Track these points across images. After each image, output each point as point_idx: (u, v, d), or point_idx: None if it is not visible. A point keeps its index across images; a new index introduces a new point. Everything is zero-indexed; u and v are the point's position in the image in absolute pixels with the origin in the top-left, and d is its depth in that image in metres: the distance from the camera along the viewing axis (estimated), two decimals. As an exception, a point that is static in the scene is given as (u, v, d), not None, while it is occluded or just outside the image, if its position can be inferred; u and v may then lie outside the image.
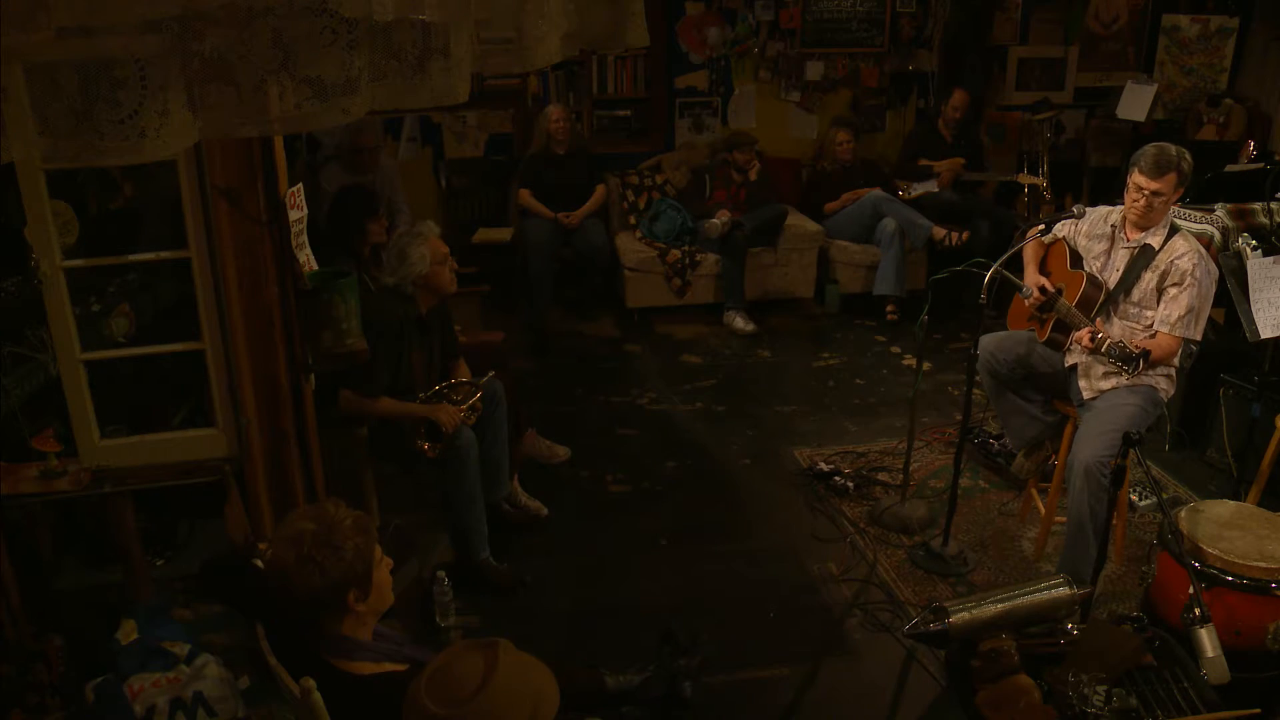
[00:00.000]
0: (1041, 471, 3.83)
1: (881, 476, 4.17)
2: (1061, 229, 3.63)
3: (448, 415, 3.37)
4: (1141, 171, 3.22)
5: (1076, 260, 3.57)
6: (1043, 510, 3.70)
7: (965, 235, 5.63)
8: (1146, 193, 3.23)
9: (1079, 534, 3.28)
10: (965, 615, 2.31)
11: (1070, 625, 2.40)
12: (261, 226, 2.85)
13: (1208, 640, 2.41)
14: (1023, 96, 6.37)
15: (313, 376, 3.15)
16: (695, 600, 3.41)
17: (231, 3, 1.12)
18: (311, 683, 2.01)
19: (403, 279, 3.45)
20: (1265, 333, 3.57)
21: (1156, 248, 3.33)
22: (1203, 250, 3.31)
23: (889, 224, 5.65)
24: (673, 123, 6.20)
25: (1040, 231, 3.55)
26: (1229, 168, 4.64)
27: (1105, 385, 3.36)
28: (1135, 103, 5.98)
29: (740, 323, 5.57)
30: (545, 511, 3.88)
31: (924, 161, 5.99)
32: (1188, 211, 4.49)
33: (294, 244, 2.97)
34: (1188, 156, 3.21)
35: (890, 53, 6.28)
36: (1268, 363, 3.78)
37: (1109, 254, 3.47)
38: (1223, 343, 4.26)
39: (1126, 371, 3.07)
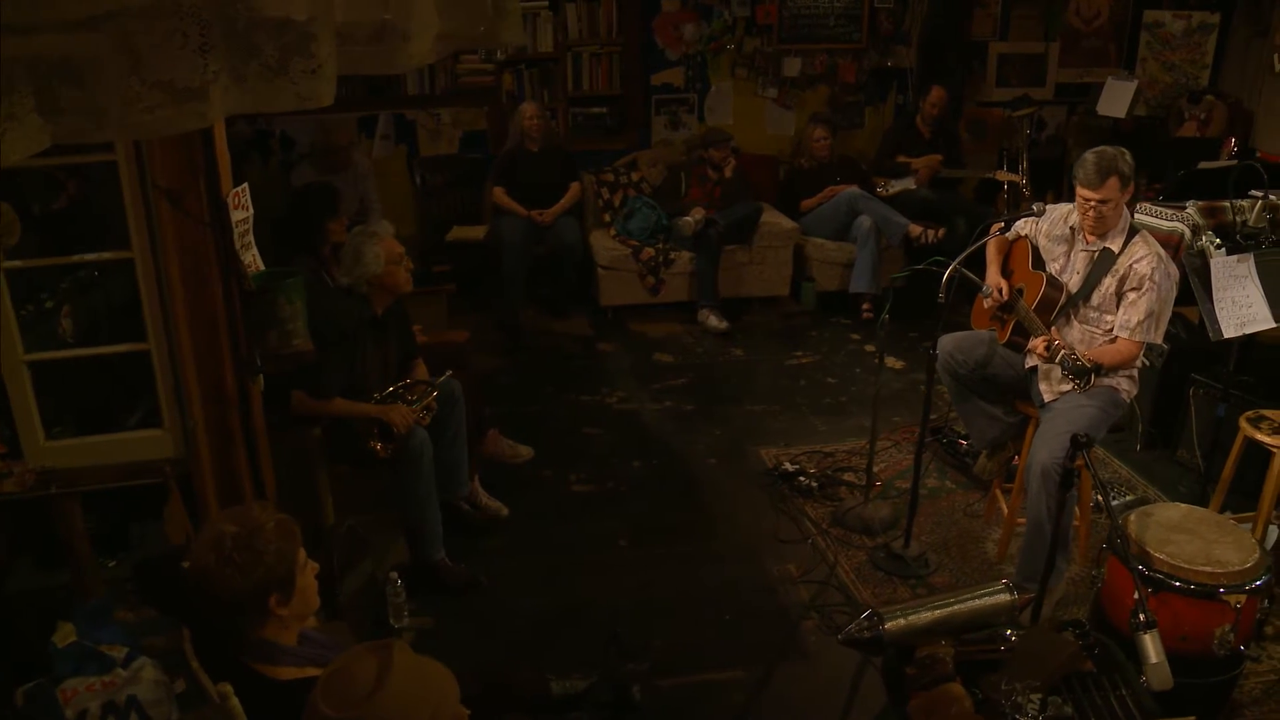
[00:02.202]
0: (1005, 473, 3.80)
1: (848, 477, 4.14)
2: (1023, 227, 3.60)
3: (399, 416, 3.35)
4: (1082, 184, 3.19)
5: (1038, 260, 3.54)
6: (1005, 511, 3.67)
7: (941, 233, 5.60)
8: (1093, 202, 3.20)
9: (1038, 536, 3.26)
10: (900, 622, 2.27)
11: (1010, 631, 2.36)
12: (204, 227, 2.82)
13: (1151, 646, 2.38)
14: (1003, 93, 6.32)
15: (261, 377, 3.13)
16: (652, 601, 3.39)
17: (79, 6, 1.09)
18: (228, 688, 2.00)
19: (357, 279, 3.43)
20: (1228, 332, 3.53)
21: (1116, 251, 3.30)
22: (1163, 253, 3.28)
23: (864, 221, 5.61)
24: (649, 120, 6.17)
25: (1000, 229, 3.52)
26: (1201, 164, 4.59)
27: (1065, 387, 3.32)
28: (1115, 99, 5.93)
29: (714, 321, 5.54)
30: (506, 512, 3.86)
31: (902, 158, 5.95)
32: (1159, 209, 4.45)
33: (239, 244, 2.95)
34: (1127, 156, 3.17)
35: (868, 49, 6.24)
36: (1233, 362, 3.73)
37: (1069, 256, 3.44)
38: (1194, 342, 4.22)
39: (1079, 385, 3.04)
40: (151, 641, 2.76)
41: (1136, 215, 4.60)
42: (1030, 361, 3.43)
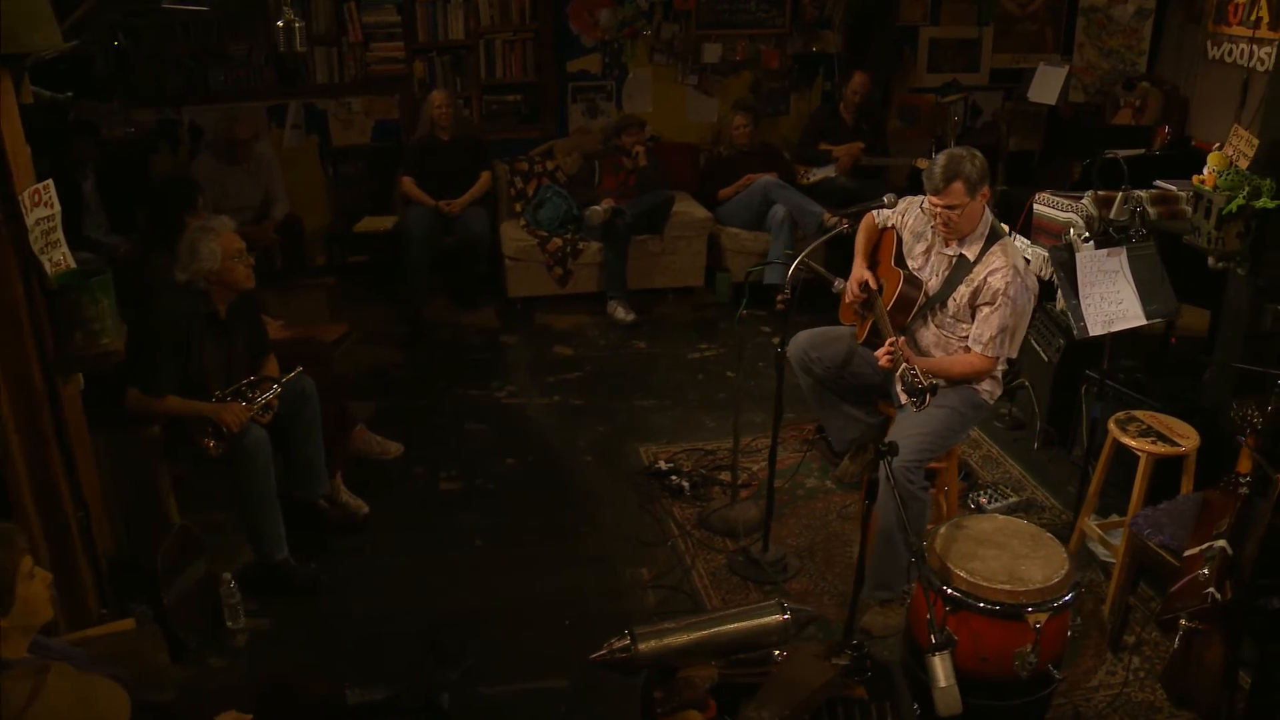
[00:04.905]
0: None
1: (723, 476, 4.04)
2: (891, 217, 3.48)
3: (231, 414, 3.28)
4: (927, 188, 3.08)
5: (901, 256, 3.42)
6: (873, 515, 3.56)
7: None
8: (939, 208, 3.08)
9: (887, 544, 3.16)
10: (653, 643, 2.18)
11: (778, 654, 2.27)
12: (-3, 225, 2.76)
13: (940, 669, 2.30)
14: (935, 78, 6.16)
15: (79, 377, 3.07)
16: (494, 605, 3.32)
17: None
18: (-75, 707, 1.95)
19: (194, 275, 3.36)
20: (1094, 329, 3.39)
21: (972, 259, 3.19)
22: (1020, 265, 3.17)
23: (779, 210, 5.48)
24: (565, 107, 6.04)
25: (845, 227, 3.41)
26: (1107, 153, 4.42)
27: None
28: (1046, 85, 5.75)
29: (621, 313, 5.44)
30: (366, 510, 3.79)
31: (824, 146, 5.81)
32: (1057, 199, 4.32)
33: (43, 242, 2.88)
34: (977, 160, 3.05)
35: (792, 34, 6.07)
36: (1106, 361, 3.60)
37: (928, 255, 3.33)
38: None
39: (915, 404, 2.93)
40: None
41: (1035, 205, 4.46)
42: (887, 361, 3.32)
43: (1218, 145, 3.75)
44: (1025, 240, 4.49)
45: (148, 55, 5.47)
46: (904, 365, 2.95)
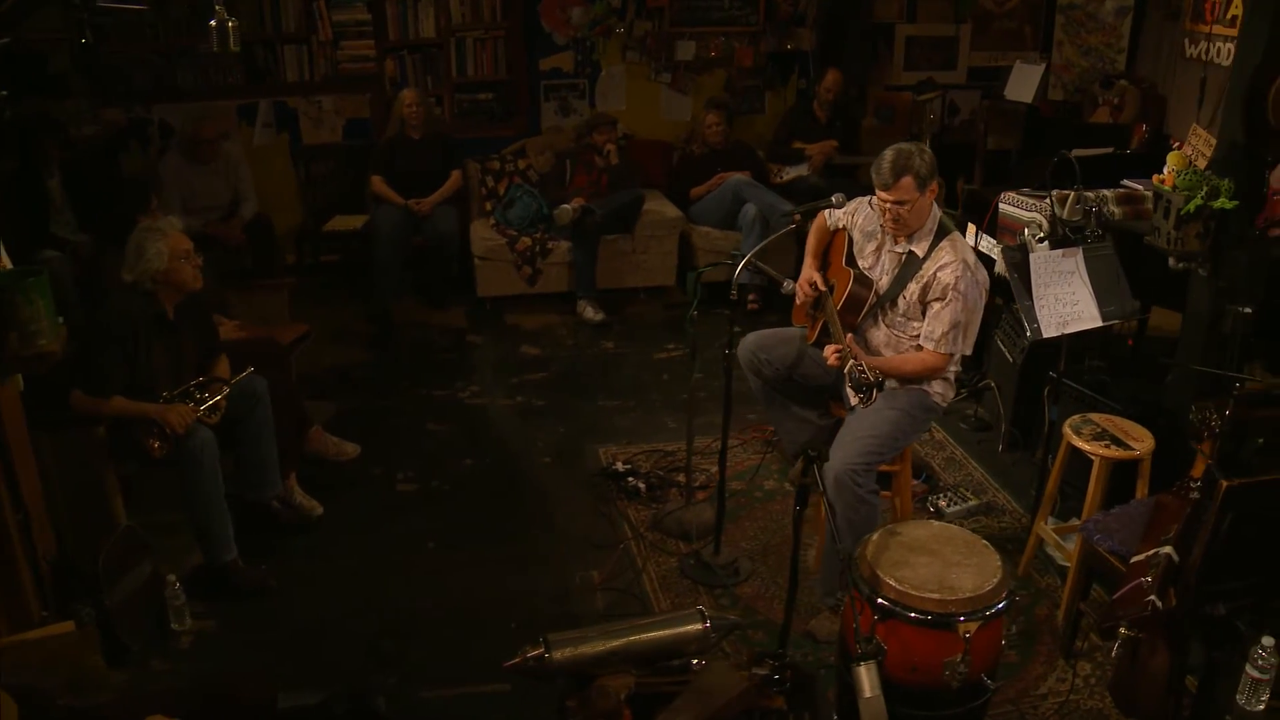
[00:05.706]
0: (826, 478, 3.65)
1: (680, 478, 4.01)
2: (842, 218, 3.44)
3: (176, 416, 3.26)
4: (876, 184, 3.04)
5: (852, 255, 3.38)
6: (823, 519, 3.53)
7: (831, 222, 5.41)
8: (889, 203, 3.04)
9: (833, 549, 3.13)
10: (568, 651, 2.16)
11: (696, 662, 2.24)
12: (-71, 225, 2.75)
13: (865, 679, 2.27)
14: (911, 76, 6.10)
15: (19, 378, 3.06)
16: (442, 607, 3.30)
17: None
18: None
19: (141, 275, 3.34)
20: (1048, 331, 3.35)
21: (921, 256, 3.14)
22: (970, 259, 3.12)
23: (750, 210, 5.44)
24: (538, 106, 6.01)
25: (797, 221, 3.38)
26: (1075, 152, 4.37)
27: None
28: (1023, 83, 5.69)
29: (590, 312, 5.41)
30: (320, 511, 3.78)
31: (798, 144, 5.76)
32: (1022, 199, 4.27)
33: (-23, 242, 2.87)
34: (926, 155, 3.01)
35: (766, 31, 6.03)
36: (1063, 362, 3.55)
37: (878, 254, 3.29)
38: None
39: (862, 400, 2.89)
40: None
41: (1001, 205, 4.42)
42: (836, 362, 3.28)
43: (1176, 145, 3.70)
44: (991, 239, 4.45)
45: (116, 53, 5.46)
46: (851, 362, 2.92)
